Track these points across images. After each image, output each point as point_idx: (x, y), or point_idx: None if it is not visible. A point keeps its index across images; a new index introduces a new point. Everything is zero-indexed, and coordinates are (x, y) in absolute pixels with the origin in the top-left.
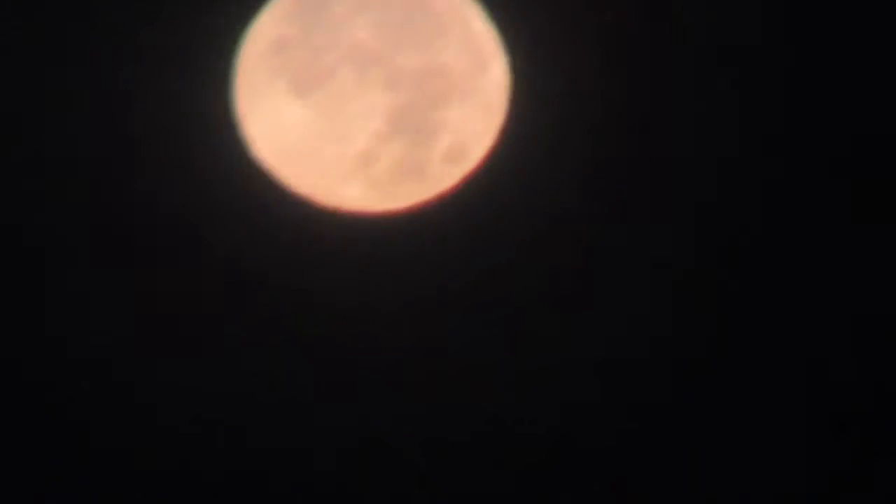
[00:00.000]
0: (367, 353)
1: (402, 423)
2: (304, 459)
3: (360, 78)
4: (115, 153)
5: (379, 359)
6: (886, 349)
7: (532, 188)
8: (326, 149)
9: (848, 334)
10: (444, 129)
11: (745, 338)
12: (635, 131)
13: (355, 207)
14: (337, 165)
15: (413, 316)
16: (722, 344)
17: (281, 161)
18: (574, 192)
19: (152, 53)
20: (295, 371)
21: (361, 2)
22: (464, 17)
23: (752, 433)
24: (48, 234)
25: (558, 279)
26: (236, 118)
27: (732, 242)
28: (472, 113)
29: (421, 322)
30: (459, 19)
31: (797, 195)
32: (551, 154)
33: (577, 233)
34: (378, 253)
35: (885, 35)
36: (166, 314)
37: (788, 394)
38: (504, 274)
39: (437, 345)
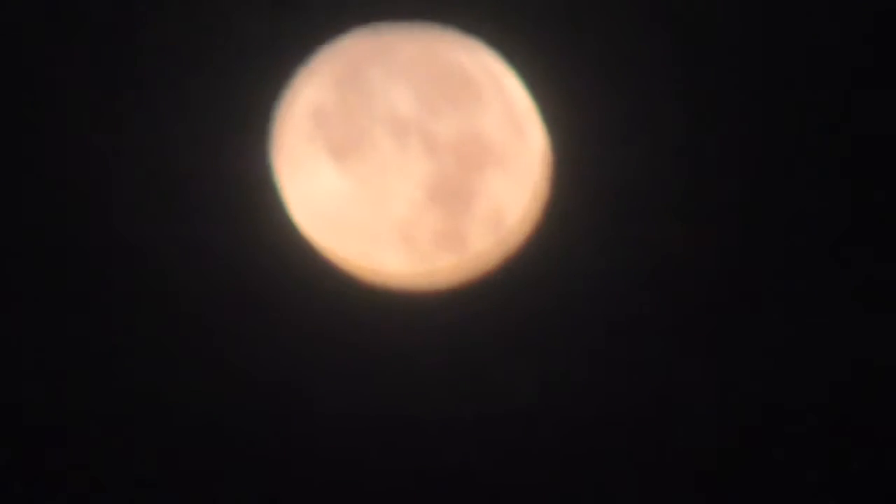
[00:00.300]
0: (401, 421)
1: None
2: None
3: (399, 145)
4: (152, 219)
5: (413, 428)
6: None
7: (571, 256)
8: (364, 216)
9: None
10: (483, 197)
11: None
12: (677, 197)
13: (393, 275)
14: (375, 233)
15: (449, 385)
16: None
17: (318, 228)
18: (614, 260)
19: (190, 121)
20: (322, 437)
21: (399, 69)
22: (501, 83)
23: None
24: (82, 292)
25: (597, 350)
26: (275, 185)
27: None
28: (510, 180)
29: (455, 390)
30: (497, 86)
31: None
32: (591, 222)
33: (616, 300)
34: (415, 322)
35: None
36: (192, 379)
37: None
38: (542, 344)
39: (471, 413)
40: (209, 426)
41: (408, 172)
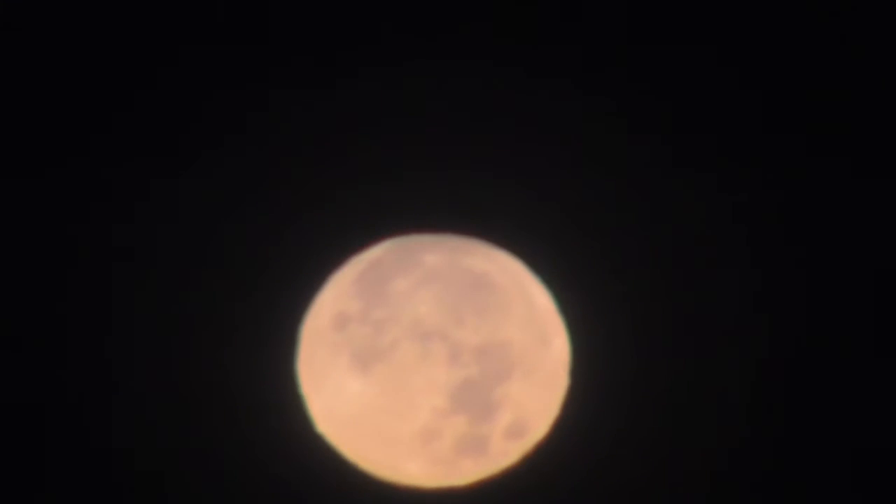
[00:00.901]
0: None
1: None
2: None
3: (422, 353)
4: (180, 425)
5: None
6: None
7: (594, 465)
8: (388, 423)
9: None
10: (506, 405)
11: None
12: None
13: (417, 483)
14: (399, 440)
15: None
16: None
17: (343, 435)
18: (637, 470)
19: (216, 328)
20: None
21: (423, 276)
22: (526, 292)
23: None
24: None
25: None
26: (299, 392)
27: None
28: (533, 388)
29: None
30: (521, 294)
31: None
32: (613, 431)
33: None
34: None
35: None
36: None
37: None
38: None
39: None
40: None
41: (431, 380)
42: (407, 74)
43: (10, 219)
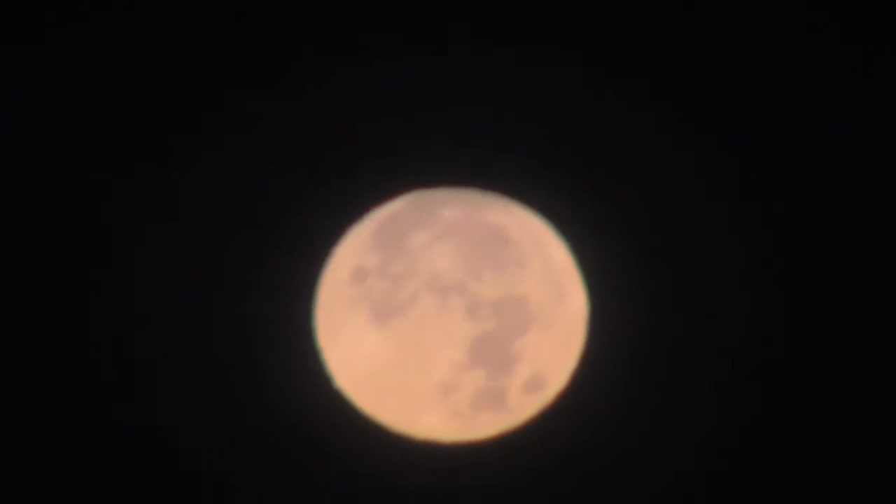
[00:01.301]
0: None
1: None
2: None
3: (440, 307)
4: (199, 380)
5: None
6: None
7: (610, 419)
8: (406, 377)
9: None
10: (524, 359)
11: None
12: (710, 354)
13: (435, 436)
14: (416, 394)
15: None
16: None
17: (361, 389)
18: (653, 425)
19: (235, 281)
20: None
21: (440, 231)
22: (543, 246)
23: None
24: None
25: None
26: (317, 346)
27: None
28: (551, 343)
29: None
30: (538, 249)
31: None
32: (629, 385)
33: (656, 463)
34: (457, 483)
35: None
36: None
37: None
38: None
39: None
40: None
41: (449, 334)
42: (424, 38)
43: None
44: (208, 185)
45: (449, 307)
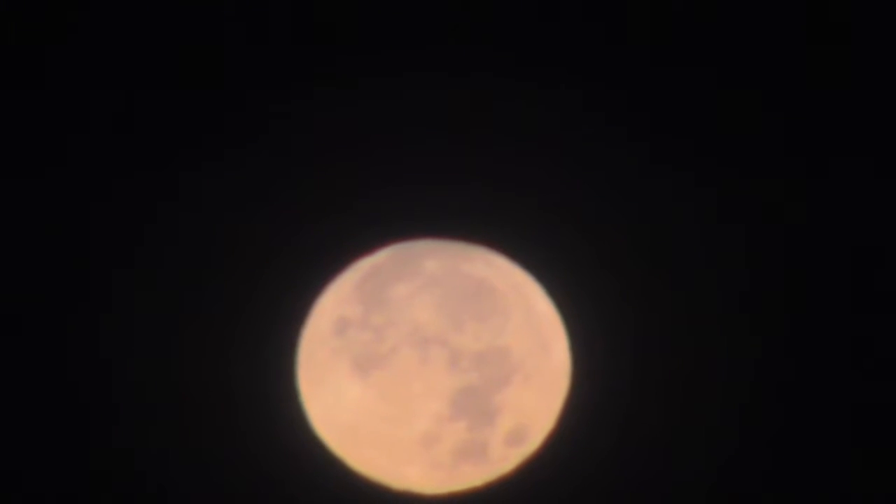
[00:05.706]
0: None
1: None
2: None
3: (422, 359)
4: (180, 429)
5: None
6: None
7: (593, 471)
8: (388, 429)
9: None
10: (506, 411)
11: None
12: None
13: (416, 488)
14: (399, 446)
15: None
16: None
17: (343, 440)
18: (636, 476)
19: (217, 332)
20: None
21: (423, 282)
22: (526, 297)
23: None
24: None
25: None
26: (299, 397)
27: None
28: (533, 395)
29: None
30: (521, 300)
31: None
32: (612, 437)
33: None
34: None
35: None
36: None
37: None
38: None
39: None
40: None
41: (431, 386)
42: (407, 84)
43: (10, 219)
44: (191, 237)
45: (431, 359)
